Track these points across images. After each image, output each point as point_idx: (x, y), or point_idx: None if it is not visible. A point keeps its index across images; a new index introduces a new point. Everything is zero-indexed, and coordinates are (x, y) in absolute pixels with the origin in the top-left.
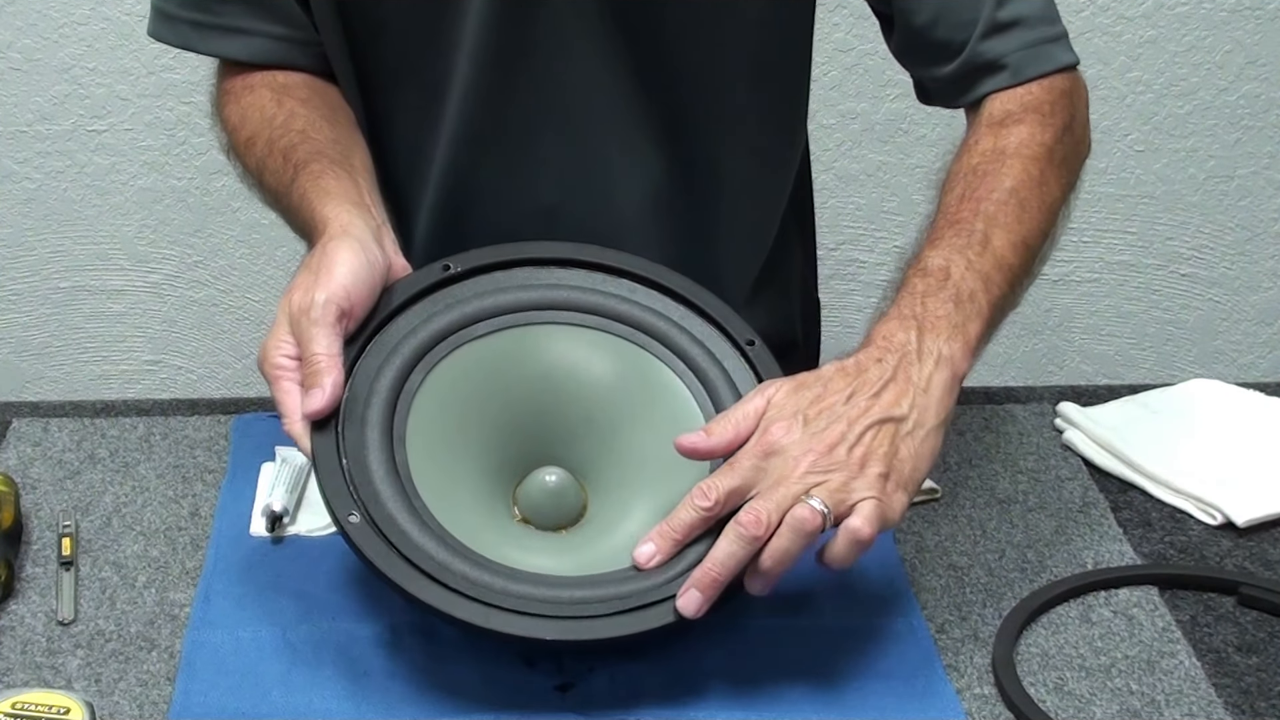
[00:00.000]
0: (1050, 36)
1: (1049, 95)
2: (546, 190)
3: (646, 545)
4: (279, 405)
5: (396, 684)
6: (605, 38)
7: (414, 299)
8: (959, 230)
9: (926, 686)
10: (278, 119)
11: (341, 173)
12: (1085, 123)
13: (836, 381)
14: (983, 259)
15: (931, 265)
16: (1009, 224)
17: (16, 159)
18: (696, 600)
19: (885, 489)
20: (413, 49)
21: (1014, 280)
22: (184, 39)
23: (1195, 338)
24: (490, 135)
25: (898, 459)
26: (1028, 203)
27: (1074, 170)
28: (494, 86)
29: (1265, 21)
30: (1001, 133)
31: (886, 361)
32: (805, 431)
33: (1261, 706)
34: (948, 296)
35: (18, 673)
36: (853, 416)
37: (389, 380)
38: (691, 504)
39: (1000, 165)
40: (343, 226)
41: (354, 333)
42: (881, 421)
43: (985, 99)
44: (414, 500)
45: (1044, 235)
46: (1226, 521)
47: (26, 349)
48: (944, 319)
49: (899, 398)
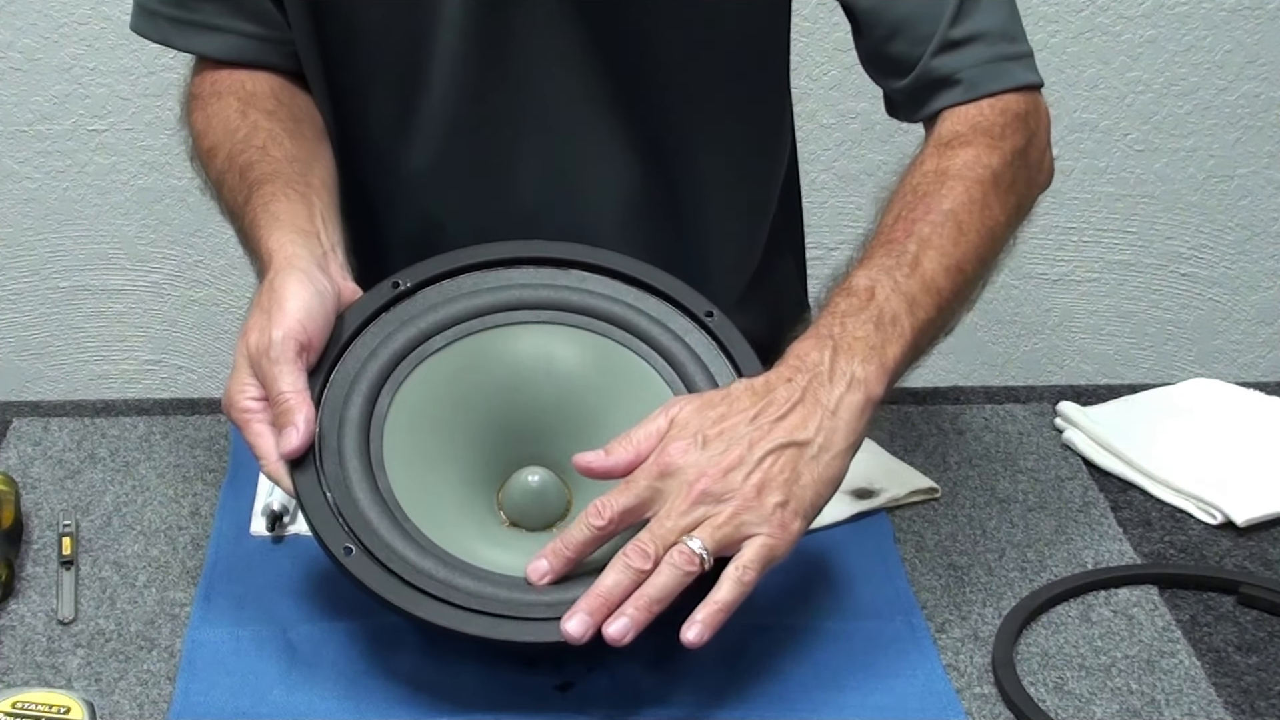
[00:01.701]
0: (1010, 54)
1: (1001, 118)
2: (525, 195)
3: (540, 561)
4: (254, 449)
5: (396, 684)
6: (581, 43)
7: (368, 321)
8: (890, 250)
9: (926, 686)
10: (240, 132)
11: (294, 194)
12: (1044, 148)
13: (742, 401)
14: (910, 281)
15: (857, 285)
16: (943, 246)
17: (16, 159)
18: (583, 624)
19: (782, 519)
20: (388, 54)
21: (943, 304)
22: (163, 34)
23: (1195, 337)
24: (467, 140)
25: (798, 485)
26: (966, 226)
27: (1023, 195)
28: (471, 91)
29: (1265, 21)
30: (947, 154)
31: (796, 382)
32: (704, 453)
33: (1261, 706)
34: (868, 318)
35: (18, 672)
36: (754, 439)
37: (358, 408)
38: (586, 522)
39: (940, 187)
40: (287, 259)
41: (315, 364)
42: (784, 446)
43: (940, 115)
44: (404, 523)
45: (981, 260)
46: (1226, 521)
47: (26, 348)
48: (862, 340)
49: (805, 420)
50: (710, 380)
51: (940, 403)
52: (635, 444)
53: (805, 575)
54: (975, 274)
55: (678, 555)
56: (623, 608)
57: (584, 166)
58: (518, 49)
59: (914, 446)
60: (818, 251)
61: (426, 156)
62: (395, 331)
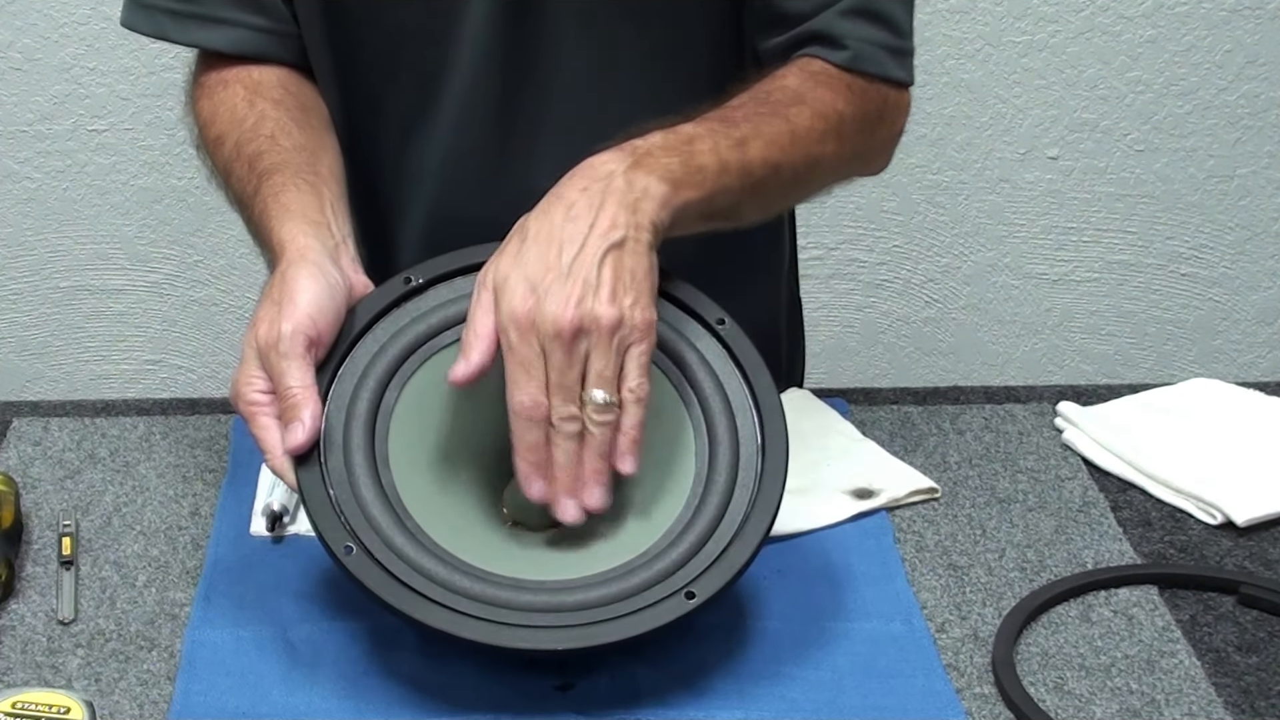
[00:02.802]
0: (895, 47)
1: (871, 90)
2: (540, 191)
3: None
4: (259, 442)
5: (396, 684)
6: (604, 41)
7: (379, 316)
8: (724, 123)
9: (926, 686)
10: (248, 121)
11: (304, 184)
12: (892, 137)
13: (544, 232)
14: (731, 151)
15: (681, 129)
16: (771, 143)
17: (16, 159)
18: (575, 508)
19: (642, 316)
20: (409, 52)
21: (748, 188)
22: (160, 28)
23: (1195, 337)
24: (483, 136)
25: (636, 279)
26: (798, 142)
27: (857, 156)
28: (491, 89)
29: (1265, 21)
30: (809, 82)
31: (592, 190)
32: (549, 299)
33: (1261, 706)
34: (678, 155)
35: (18, 672)
36: (582, 263)
37: (365, 404)
38: (527, 422)
39: (791, 105)
40: (299, 251)
41: (324, 358)
42: (608, 250)
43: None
44: (407, 521)
45: (796, 177)
46: (1226, 521)
47: (26, 348)
48: (662, 165)
49: (614, 220)
50: (718, 387)
51: (940, 403)
52: (479, 330)
53: (805, 575)
54: (786, 182)
55: (593, 415)
56: (584, 482)
57: None
58: (544, 46)
59: (914, 446)
60: (817, 251)
61: (441, 152)
62: (405, 327)
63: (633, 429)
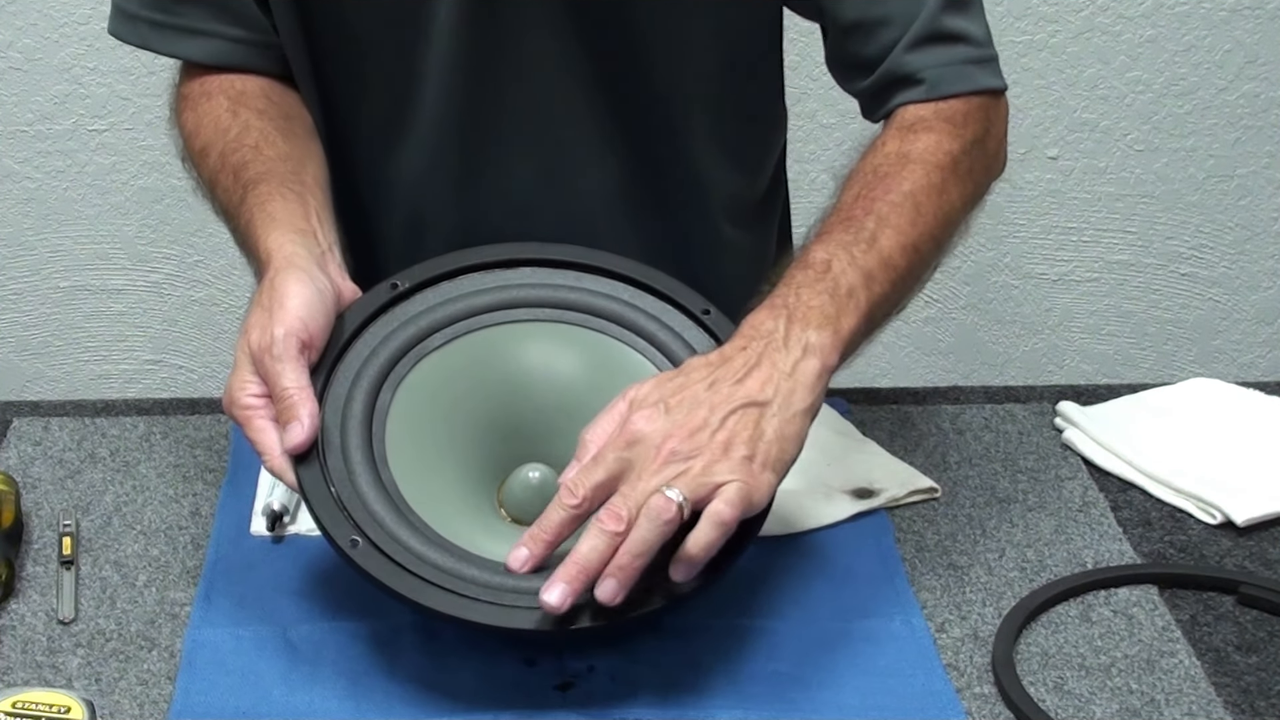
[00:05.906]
0: (975, 58)
1: (964, 107)
2: (516, 194)
3: (520, 550)
4: (256, 445)
5: (396, 684)
6: (573, 44)
7: (368, 321)
8: (848, 227)
9: (926, 686)
10: (231, 131)
11: (289, 193)
12: (1000, 140)
13: (699, 371)
14: (868, 256)
15: (814, 259)
16: (901, 226)
17: (16, 159)
18: (562, 593)
19: (752, 470)
20: (381, 58)
21: (897, 281)
22: (143, 38)
23: (1195, 337)
24: (459, 140)
25: (763, 441)
26: (923, 208)
27: (979, 184)
28: (463, 93)
29: (1265, 21)
30: (909, 137)
31: (751, 349)
32: (668, 419)
33: (1261, 706)
34: (824, 289)
35: (18, 672)
36: (715, 402)
37: (360, 404)
38: (560, 503)
39: (901, 169)
40: (287, 258)
41: (316, 363)
42: (745, 406)
43: (899, 110)
44: (409, 515)
45: (936, 242)
46: (1226, 521)
47: (26, 348)
48: (816, 310)
49: (763, 384)
50: None
51: (940, 403)
52: (599, 429)
53: (805, 575)
54: (929, 255)
55: (654, 505)
56: (607, 570)
57: (575, 166)
58: (511, 51)
59: (914, 446)
60: None
61: (418, 157)
62: (395, 331)
63: (702, 544)
